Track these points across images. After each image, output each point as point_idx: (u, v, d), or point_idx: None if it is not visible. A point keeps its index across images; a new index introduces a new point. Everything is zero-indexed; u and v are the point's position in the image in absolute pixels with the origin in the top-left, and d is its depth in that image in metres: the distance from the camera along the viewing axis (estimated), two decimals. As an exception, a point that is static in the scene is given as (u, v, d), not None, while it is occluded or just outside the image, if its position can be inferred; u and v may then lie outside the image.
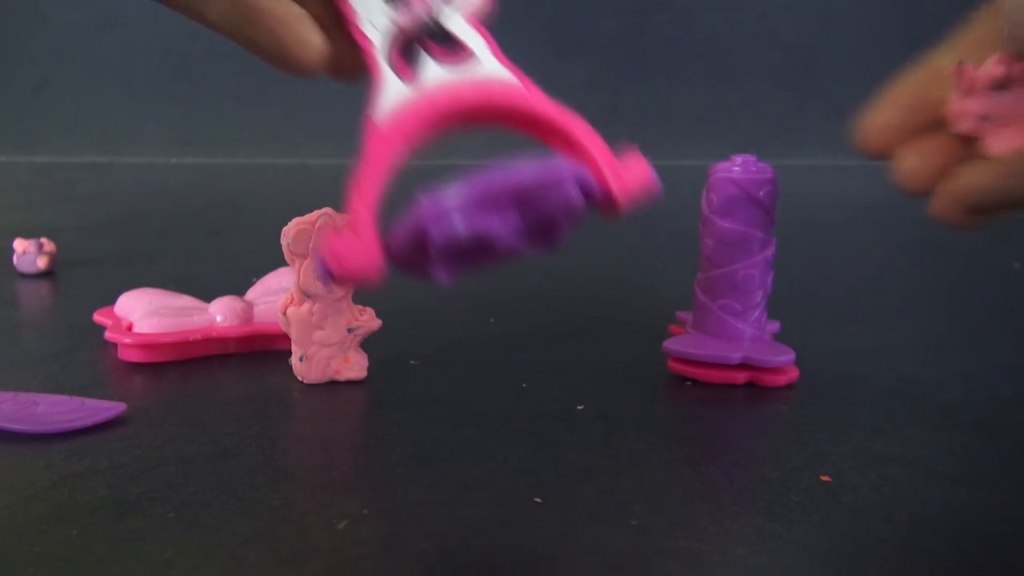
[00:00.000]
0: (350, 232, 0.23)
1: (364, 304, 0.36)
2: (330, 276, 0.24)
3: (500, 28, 0.27)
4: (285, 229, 0.34)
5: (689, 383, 0.37)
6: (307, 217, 0.35)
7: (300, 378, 0.36)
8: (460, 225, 0.22)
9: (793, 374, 0.37)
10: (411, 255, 0.24)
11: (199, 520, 0.24)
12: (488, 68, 0.26)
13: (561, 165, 0.23)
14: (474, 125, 0.26)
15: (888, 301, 0.56)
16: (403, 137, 0.25)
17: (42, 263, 0.57)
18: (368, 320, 0.35)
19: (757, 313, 0.38)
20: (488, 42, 0.26)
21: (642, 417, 0.33)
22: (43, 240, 0.58)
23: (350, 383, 0.36)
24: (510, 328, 0.45)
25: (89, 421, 0.31)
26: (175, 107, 1.48)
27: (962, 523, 0.25)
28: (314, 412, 0.33)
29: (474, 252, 0.24)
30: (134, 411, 0.32)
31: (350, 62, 0.26)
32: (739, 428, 0.33)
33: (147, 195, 1.11)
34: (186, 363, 0.38)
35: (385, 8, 0.26)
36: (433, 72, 0.26)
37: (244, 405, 0.34)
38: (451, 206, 0.22)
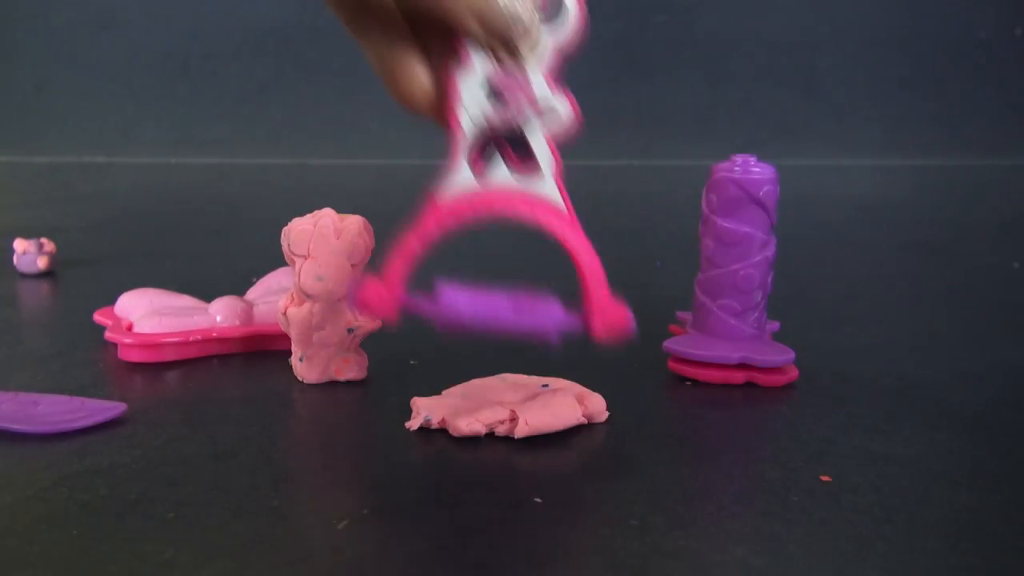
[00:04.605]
0: (382, 282, 0.28)
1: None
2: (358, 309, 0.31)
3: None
4: (285, 229, 0.34)
5: (689, 383, 0.37)
6: (307, 217, 0.35)
7: (300, 378, 0.36)
8: (465, 326, 0.29)
9: (793, 374, 0.37)
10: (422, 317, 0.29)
11: (199, 520, 0.24)
12: (547, 190, 0.29)
13: (551, 317, 0.29)
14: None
15: (887, 301, 0.56)
16: (455, 220, 0.29)
17: (42, 263, 0.57)
18: (367, 321, 0.35)
19: (757, 313, 0.38)
20: (557, 166, 0.29)
21: (642, 417, 0.33)
22: (43, 240, 0.58)
23: (350, 383, 0.36)
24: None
25: (89, 421, 0.31)
26: (175, 107, 1.48)
27: (962, 523, 0.25)
28: (314, 412, 0.33)
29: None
30: (134, 411, 0.32)
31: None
32: (739, 428, 0.33)
33: (147, 195, 1.11)
34: (186, 363, 0.38)
35: (484, 102, 0.28)
36: (501, 174, 0.29)
37: (244, 405, 0.34)
38: (460, 314, 0.29)
